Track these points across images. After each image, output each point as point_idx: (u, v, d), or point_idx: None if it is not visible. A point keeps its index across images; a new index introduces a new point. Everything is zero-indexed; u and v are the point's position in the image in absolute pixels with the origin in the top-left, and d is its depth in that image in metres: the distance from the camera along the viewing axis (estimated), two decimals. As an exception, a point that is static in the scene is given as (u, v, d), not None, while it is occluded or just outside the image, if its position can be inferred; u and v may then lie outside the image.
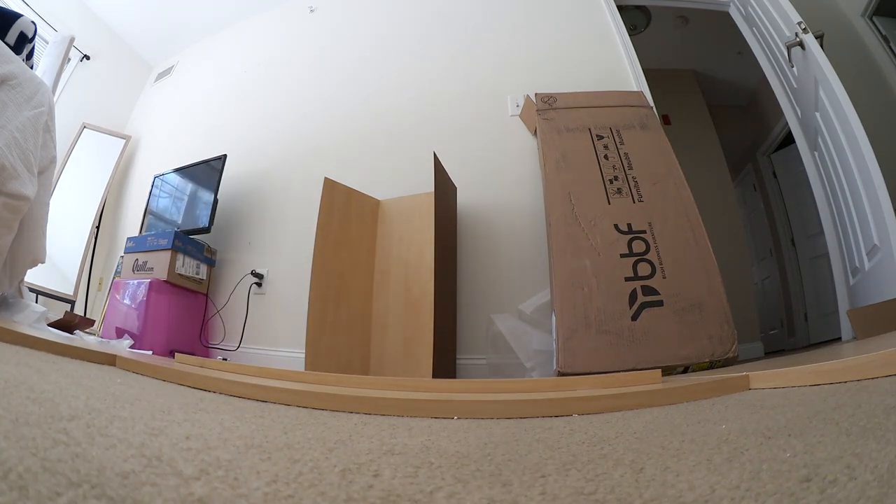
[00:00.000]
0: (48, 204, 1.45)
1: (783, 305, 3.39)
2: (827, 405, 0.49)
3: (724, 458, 0.35)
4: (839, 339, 1.80)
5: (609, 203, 1.49)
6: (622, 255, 1.38)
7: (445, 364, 1.61)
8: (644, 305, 1.29)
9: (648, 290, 1.31)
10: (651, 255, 1.36)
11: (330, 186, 1.71)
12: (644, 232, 1.40)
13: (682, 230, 1.40)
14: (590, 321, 1.28)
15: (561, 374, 1.24)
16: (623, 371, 1.18)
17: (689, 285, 1.30)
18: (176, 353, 1.40)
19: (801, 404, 0.53)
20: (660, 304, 1.29)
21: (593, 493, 0.30)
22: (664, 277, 1.32)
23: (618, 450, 0.41)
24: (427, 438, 0.49)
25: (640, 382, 0.83)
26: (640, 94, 1.85)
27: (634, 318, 1.28)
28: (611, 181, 1.53)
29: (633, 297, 1.31)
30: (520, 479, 0.33)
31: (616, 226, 1.43)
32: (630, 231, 1.41)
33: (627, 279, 1.34)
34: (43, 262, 1.44)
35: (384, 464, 0.37)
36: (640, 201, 1.48)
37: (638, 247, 1.38)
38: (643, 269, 1.35)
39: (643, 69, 1.97)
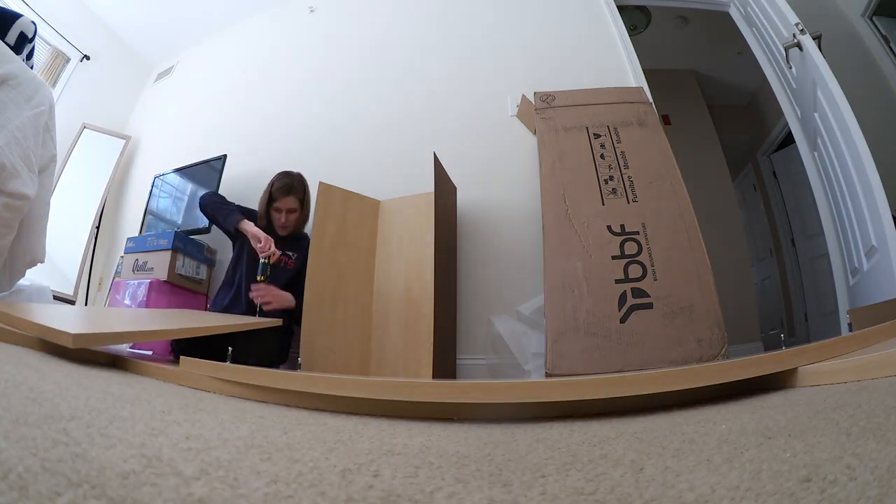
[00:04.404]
0: (48, 203, 1.45)
1: (783, 305, 3.39)
2: (827, 405, 0.49)
3: (724, 458, 0.35)
4: (839, 339, 1.80)
5: (603, 204, 1.48)
6: (613, 257, 1.37)
7: (445, 364, 1.61)
8: (633, 308, 1.28)
9: (638, 293, 1.30)
10: (643, 257, 1.35)
11: (325, 190, 1.71)
12: (637, 233, 1.40)
13: (677, 231, 1.39)
14: (578, 323, 1.28)
15: (549, 375, 1.24)
16: (609, 374, 1.17)
17: (679, 287, 1.29)
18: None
19: (801, 404, 0.53)
20: (649, 306, 1.28)
21: (593, 493, 0.30)
22: (655, 279, 1.31)
23: (618, 450, 0.41)
24: (427, 438, 0.49)
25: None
26: (639, 89, 1.84)
27: (623, 320, 1.27)
28: (606, 181, 1.53)
29: (622, 299, 1.30)
30: (520, 479, 0.33)
31: (609, 227, 1.43)
32: (623, 232, 1.41)
33: (618, 281, 1.33)
34: (42, 262, 1.44)
35: (384, 464, 0.37)
36: (635, 201, 1.47)
37: (630, 248, 1.38)
38: (634, 270, 1.34)
39: (643, 69, 1.97)
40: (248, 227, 1.70)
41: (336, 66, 2.70)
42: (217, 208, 1.82)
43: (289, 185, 1.76)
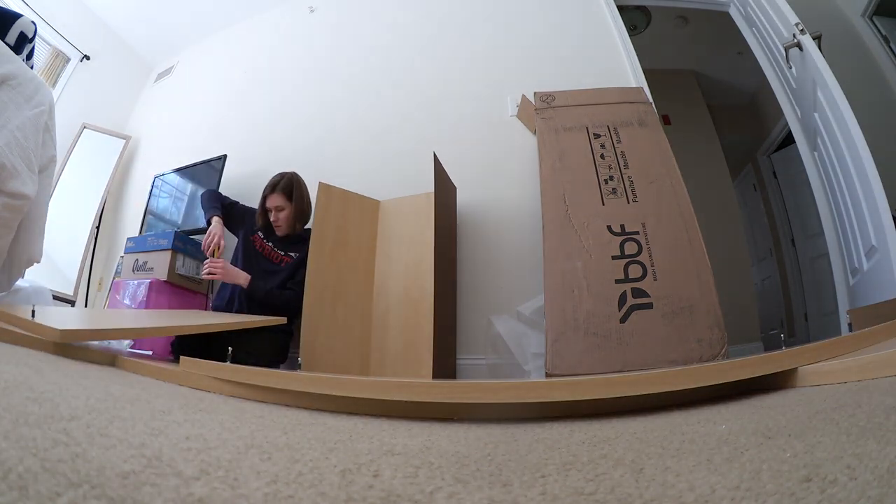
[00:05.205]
0: (47, 203, 1.45)
1: (783, 305, 3.39)
2: (827, 405, 0.49)
3: (724, 458, 0.35)
4: (839, 339, 1.80)
5: (603, 204, 1.48)
6: (613, 257, 1.37)
7: (445, 364, 1.61)
8: (633, 308, 1.28)
9: (638, 293, 1.30)
10: (643, 257, 1.35)
11: (325, 190, 1.71)
12: (637, 233, 1.40)
13: (677, 231, 1.39)
14: (578, 323, 1.27)
15: (549, 375, 1.24)
16: (609, 374, 1.17)
17: (680, 287, 1.29)
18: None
19: (801, 404, 0.53)
20: (649, 306, 1.27)
21: (593, 493, 0.30)
22: (655, 279, 1.31)
23: (618, 450, 0.41)
24: (427, 439, 0.49)
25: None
26: (639, 89, 1.84)
27: (623, 320, 1.27)
28: (606, 181, 1.53)
29: (622, 299, 1.30)
30: (520, 479, 0.33)
31: (609, 227, 1.43)
32: (623, 232, 1.41)
33: (618, 281, 1.33)
34: (38, 262, 1.44)
35: (384, 464, 0.37)
36: (635, 202, 1.47)
37: (630, 248, 1.38)
38: (634, 271, 1.34)
39: (643, 69, 1.97)
40: (213, 224, 1.80)
41: (336, 65, 2.70)
42: (203, 203, 1.94)
43: (273, 183, 1.80)
